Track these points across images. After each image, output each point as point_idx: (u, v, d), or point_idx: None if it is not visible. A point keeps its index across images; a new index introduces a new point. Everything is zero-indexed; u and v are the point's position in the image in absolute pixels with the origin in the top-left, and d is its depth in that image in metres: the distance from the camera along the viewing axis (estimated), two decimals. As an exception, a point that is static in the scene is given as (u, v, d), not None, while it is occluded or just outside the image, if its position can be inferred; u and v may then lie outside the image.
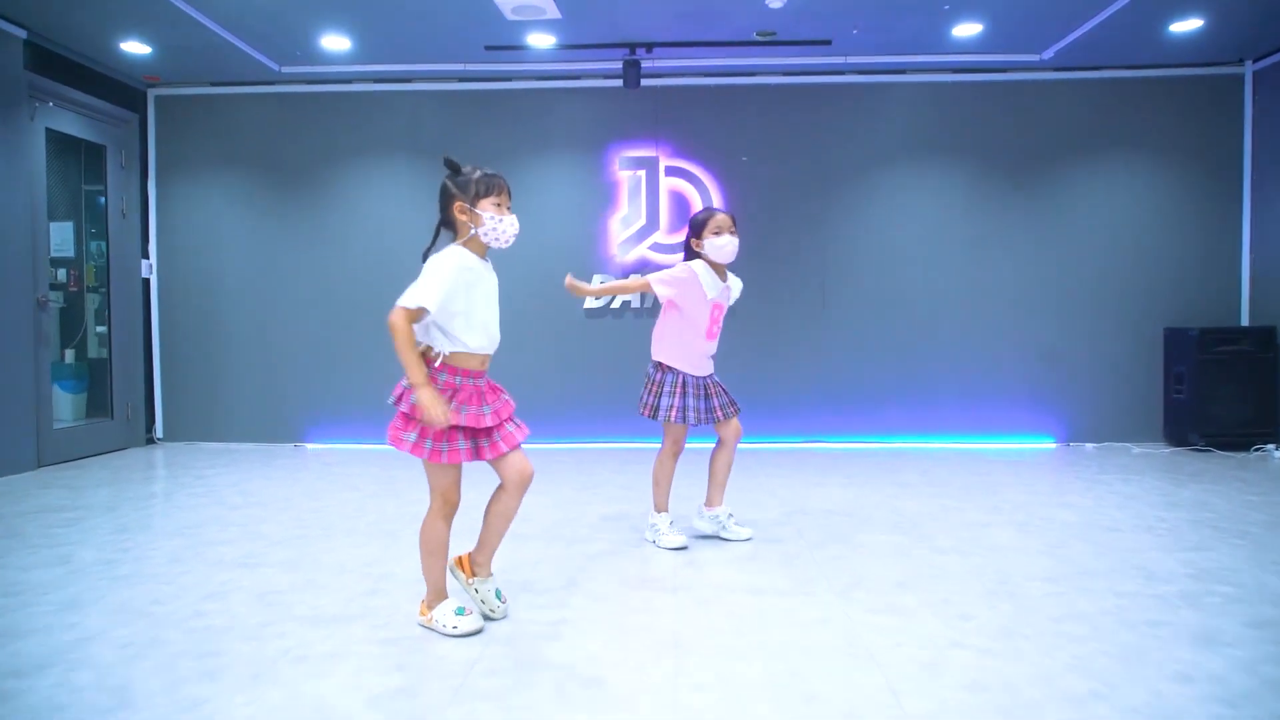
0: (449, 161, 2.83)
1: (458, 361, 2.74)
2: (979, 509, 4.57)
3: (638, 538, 4.01)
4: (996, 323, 6.92)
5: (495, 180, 2.79)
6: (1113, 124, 6.83)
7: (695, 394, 3.81)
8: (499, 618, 2.89)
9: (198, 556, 3.69)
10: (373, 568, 3.51)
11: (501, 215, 2.77)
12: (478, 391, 2.75)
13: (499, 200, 2.77)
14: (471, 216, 2.77)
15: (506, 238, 2.79)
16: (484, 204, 2.76)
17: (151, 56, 6.45)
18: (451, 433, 2.70)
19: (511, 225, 2.79)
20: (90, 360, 7.14)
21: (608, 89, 6.99)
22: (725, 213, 3.80)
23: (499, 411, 2.78)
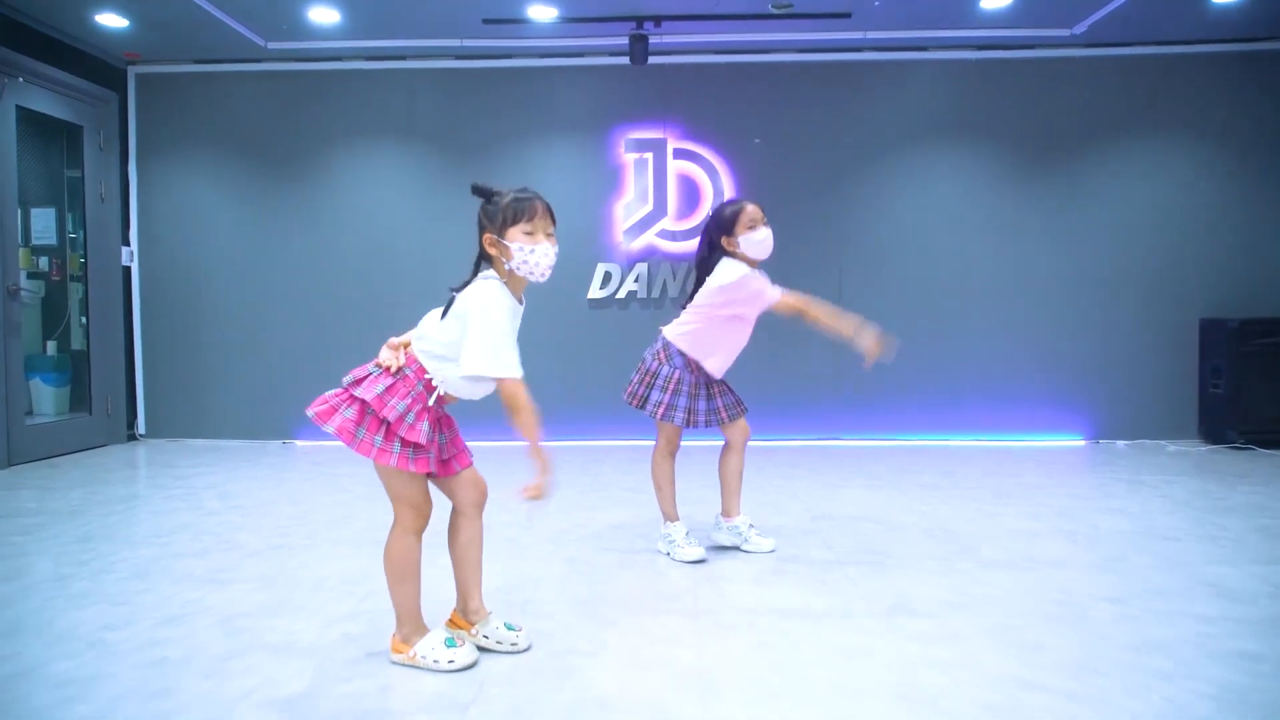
0: (476, 189, 2.47)
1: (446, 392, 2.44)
2: (1018, 515, 4.20)
3: (650, 548, 3.65)
4: (1022, 313, 6.55)
5: (525, 204, 2.40)
6: (1148, 103, 6.45)
7: (691, 394, 3.44)
8: (524, 648, 2.53)
9: (163, 571, 3.33)
10: (356, 585, 3.15)
11: (533, 245, 2.38)
12: (437, 419, 2.45)
13: (530, 228, 2.38)
14: (500, 249, 2.40)
15: (540, 271, 2.40)
16: (513, 233, 2.38)
17: (130, 31, 6.06)
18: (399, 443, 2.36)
19: (545, 256, 2.40)
20: (74, 352, 6.79)
21: (613, 66, 6.61)
22: (754, 203, 3.41)
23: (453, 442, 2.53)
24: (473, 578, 2.55)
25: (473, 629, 2.52)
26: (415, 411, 2.34)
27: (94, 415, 6.58)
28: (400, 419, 2.32)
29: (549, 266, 2.41)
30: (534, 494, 2.26)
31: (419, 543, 2.45)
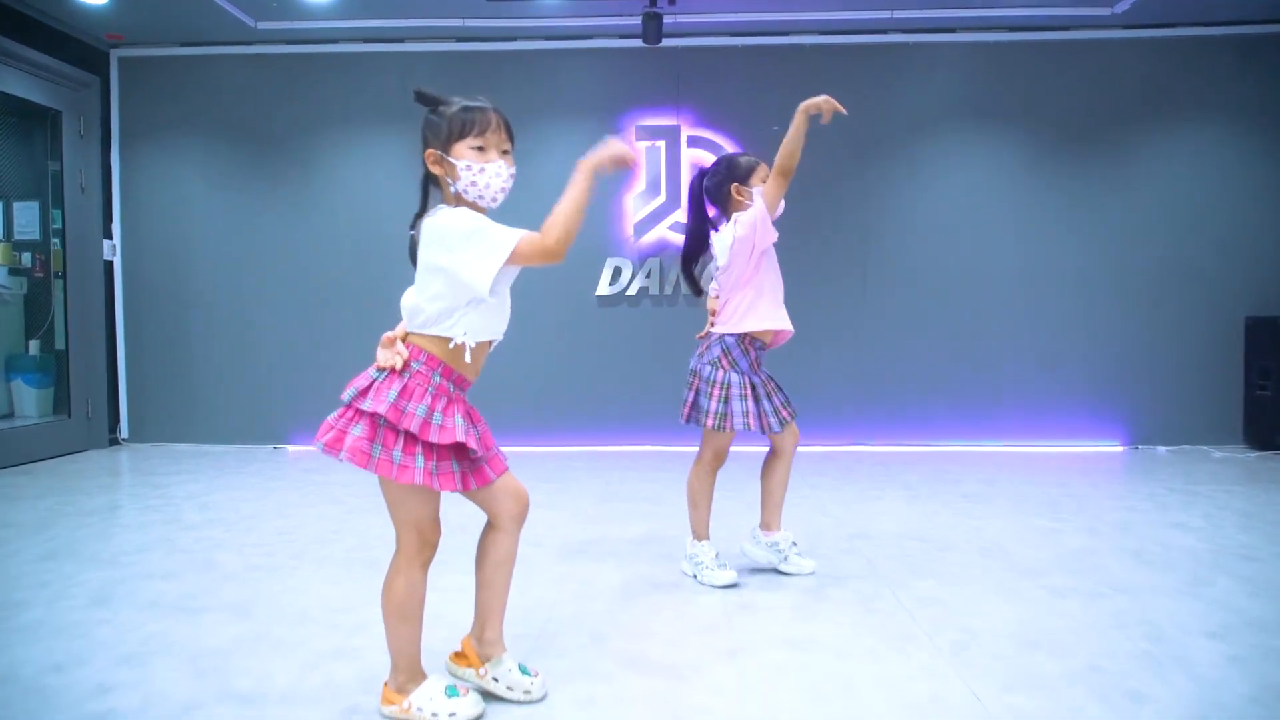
0: (420, 94, 2.08)
1: (453, 358, 2.02)
2: (1075, 530, 3.83)
3: (672, 570, 3.27)
4: (1057, 309, 6.17)
5: (474, 114, 2.02)
6: (1191, 88, 6.07)
7: (767, 395, 3.08)
8: (539, 697, 2.16)
9: (128, 596, 2.95)
10: (343, 615, 2.77)
11: (483, 162, 2.01)
12: (464, 406, 2.05)
13: (481, 142, 2.01)
14: (445, 167, 2.03)
15: (491, 193, 2.03)
16: (459, 148, 2.01)
17: (111, 9, 5.68)
18: (443, 450, 1.97)
19: (497, 175, 2.02)
20: (58, 352, 6.43)
21: (624, 49, 6.24)
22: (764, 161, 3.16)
23: (487, 435, 2.10)
24: (497, 603, 2.17)
25: (482, 668, 2.15)
26: (440, 409, 1.97)
27: (73, 418, 6.22)
28: (426, 423, 1.94)
29: (501, 188, 2.05)
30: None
31: (424, 577, 2.07)
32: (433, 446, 1.96)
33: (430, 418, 1.95)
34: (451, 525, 2.23)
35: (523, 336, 6.30)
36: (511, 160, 2.07)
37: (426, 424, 1.94)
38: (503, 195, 2.05)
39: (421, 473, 1.93)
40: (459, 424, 1.96)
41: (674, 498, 4.40)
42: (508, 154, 2.06)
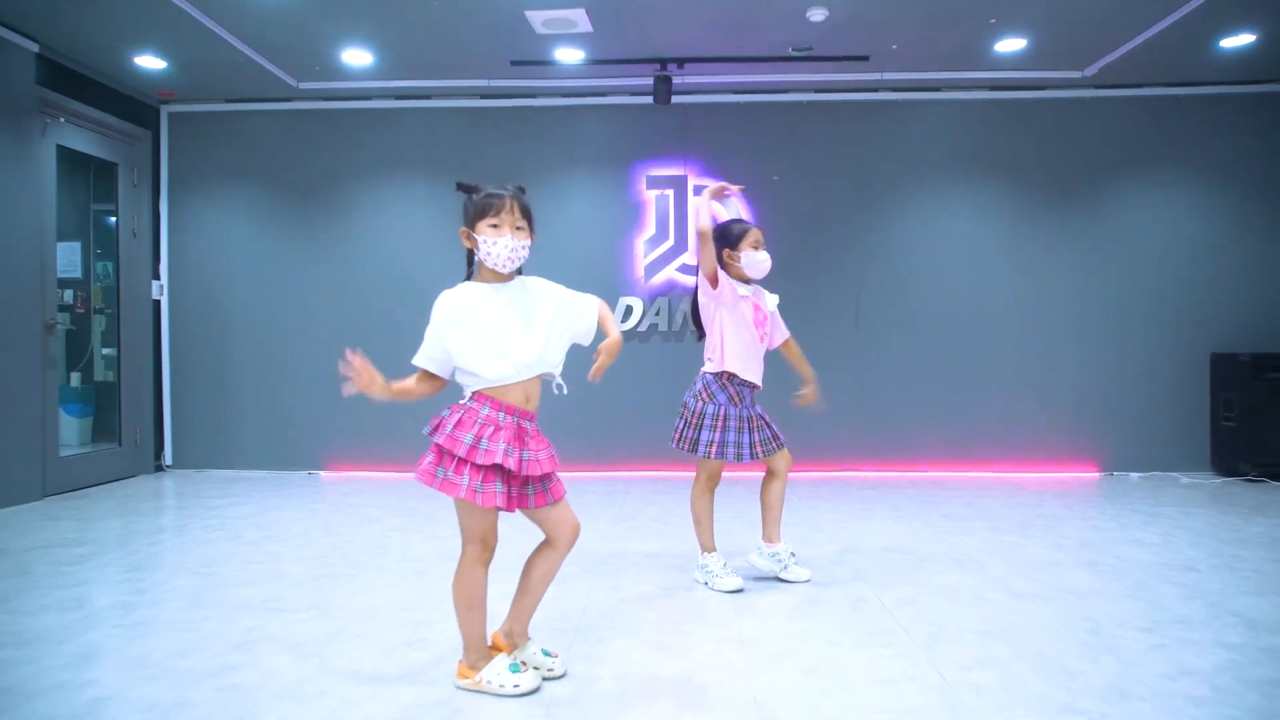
0: (460, 185, 2.61)
1: (494, 394, 2.52)
2: (1041, 545, 4.31)
3: (686, 578, 3.75)
4: (1036, 346, 6.69)
5: (492, 200, 2.53)
6: (1158, 143, 6.63)
7: (737, 428, 3.58)
8: (559, 675, 2.63)
9: (218, 600, 3.44)
10: (408, 613, 3.25)
11: (495, 237, 2.51)
12: (519, 432, 2.51)
13: (496, 220, 2.52)
14: (470, 241, 2.58)
15: (499, 262, 2.52)
16: (480, 226, 2.53)
17: (167, 71, 6.25)
18: (489, 472, 2.46)
19: (505, 248, 2.51)
20: (96, 384, 6.92)
21: (635, 105, 6.79)
22: (756, 228, 3.68)
23: (539, 462, 2.53)
24: (529, 607, 2.65)
25: (512, 655, 2.62)
26: (487, 435, 2.46)
27: (123, 446, 6.70)
28: (473, 448, 2.44)
29: (508, 258, 2.52)
30: None
31: (485, 573, 2.55)
32: (479, 468, 2.45)
33: (477, 444, 2.45)
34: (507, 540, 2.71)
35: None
36: (526, 233, 2.57)
37: (473, 448, 2.44)
38: (511, 263, 2.54)
39: (466, 489, 2.43)
40: (500, 448, 2.44)
41: (680, 518, 4.89)
42: (521, 229, 2.55)
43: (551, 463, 2.57)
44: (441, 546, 4.35)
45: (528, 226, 2.57)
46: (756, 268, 3.63)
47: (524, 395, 2.54)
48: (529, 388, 2.55)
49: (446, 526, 4.82)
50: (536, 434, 2.57)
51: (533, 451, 2.52)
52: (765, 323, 3.68)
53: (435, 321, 2.54)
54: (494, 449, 2.44)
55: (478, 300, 2.54)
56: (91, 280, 6.86)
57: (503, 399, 2.51)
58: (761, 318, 3.66)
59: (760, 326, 3.65)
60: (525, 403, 2.54)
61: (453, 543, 4.41)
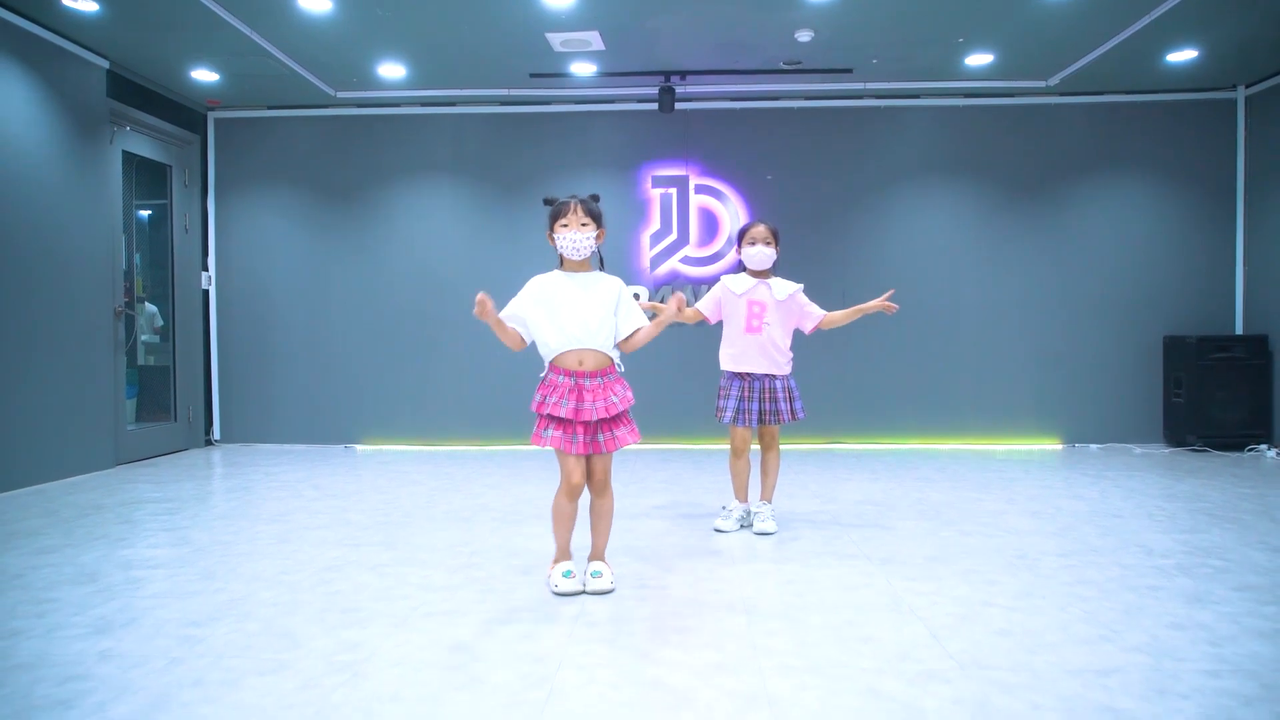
0: (546, 201, 3.37)
1: (558, 361, 3.21)
2: (996, 500, 5.02)
3: (689, 521, 4.45)
4: (1006, 331, 7.39)
5: (558, 207, 3.29)
6: (1115, 145, 7.31)
7: (744, 397, 4.25)
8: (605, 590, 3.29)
9: (301, 539, 4.14)
10: (463, 547, 3.96)
11: (564, 235, 3.25)
12: (576, 389, 3.19)
13: (565, 221, 3.25)
14: (552, 240, 3.31)
15: (569, 251, 3.27)
16: (556, 229, 3.29)
17: (217, 83, 6.92)
18: (554, 422, 3.18)
19: (570, 240, 3.24)
20: (139, 367, 7.59)
21: (641, 111, 7.46)
22: (765, 225, 4.29)
23: (595, 410, 3.18)
24: (593, 536, 3.40)
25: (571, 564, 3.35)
26: (552, 396, 3.19)
27: (177, 422, 7.40)
28: (541, 403, 3.20)
29: (575, 247, 3.25)
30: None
31: (569, 503, 3.28)
32: (546, 418, 3.20)
33: (544, 400, 3.19)
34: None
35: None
36: (591, 226, 3.28)
37: (541, 403, 3.19)
38: (577, 252, 3.27)
39: (535, 435, 3.21)
40: (562, 404, 3.16)
41: (684, 481, 5.60)
42: (586, 225, 3.27)
43: (608, 409, 3.20)
44: (479, 501, 5.05)
45: (593, 223, 3.28)
46: (751, 260, 4.29)
47: (578, 360, 3.21)
48: (583, 355, 3.22)
49: (483, 486, 5.52)
50: (597, 389, 3.21)
51: (589, 403, 3.18)
52: (764, 313, 4.27)
53: (523, 292, 3.29)
54: (552, 402, 3.17)
55: (555, 282, 3.29)
56: (134, 272, 7.53)
57: (561, 365, 3.22)
58: (759, 309, 4.27)
59: (757, 318, 4.27)
60: (579, 365, 3.21)
61: (490, 498, 5.13)
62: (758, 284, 4.32)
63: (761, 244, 4.26)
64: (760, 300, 4.29)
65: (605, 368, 3.26)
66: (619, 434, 3.26)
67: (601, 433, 3.23)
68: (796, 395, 4.35)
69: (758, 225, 4.30)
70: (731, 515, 4.33)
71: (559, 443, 3.18)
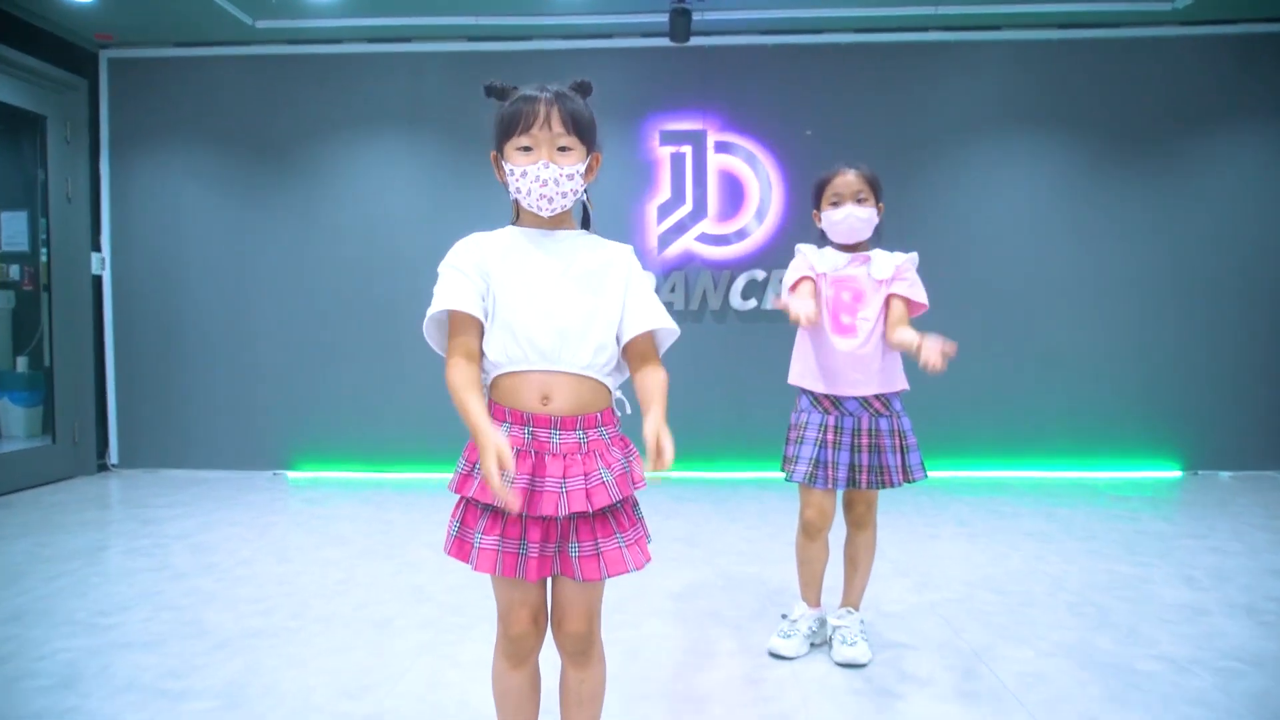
0: (488, 88, 1.77)
1: (503, 392, 1.65)
2: (1169, 579, 3.43)
3: (724, 629, 2.87)
4: (1108, 324, 5.82)
5: (520, 109, 1.68)
6: (1258, 89, 5.73)
7: (829, 441, 2.66)
8: None
9: (100, 672, 2.56)
10: (353, 701, 2.37)
11: (526, 165, 1.66)
12: (530, 451, 1.62)
13: (528, 140, 1.67)
14: (499, 171, 1.74)
15: (534, 199, 1.68)
16: (509, 149, 1.70)
17: (98, 6, 5.33)
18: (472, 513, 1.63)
19: (533, 180, 1.66)
20: (47, 369, 6.09)
21: (647, 48, 5.88)
22: (857, 170, 2.73)
23: (564, 496, 1.58)
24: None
25: None
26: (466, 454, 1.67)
27: (59, 444, 5.83)
28: (465, 478, 1.65)
29: (544, 194, 1.68)
30: None
31: (514, 672, 1.72)
32: (478, 509, 1.64)
33: (470, 475, 1.63)
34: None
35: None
36: (576, 156, 1.70)
37: (466, 479, 1.65)
38: (547, 202, 1.68)
39: (460, 544, 1.65)
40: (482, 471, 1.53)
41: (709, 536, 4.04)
42: (565, 151, 1.68)
43: (589, 496, 1.61)
44: (416, 579, 3.49)
45: (580, 145, 1.71)
46: (834, 230, 2.73)
47: (540, 392, 1.64)
48: (550, 383, 1.64)
49: (424, 548, 3.96)
50: (570, 453, 1.63)
51: (553, 479, 1.60)
52: (859, 305, 2.72)
53: (454, 259, 1.73)
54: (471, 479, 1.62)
55: (508, 248, 1.72)
56: (39, 253, 6.02)
57: (508, 399, 1.64)
58: (851, 299, 2.70)
59: (849, 311, 2.69)
60: (541, 403, 1.64)
61: (426, 576, 3.55)
62: (851, 260, 2.74)
63: (851, 202, 2.70)
64: (855, 285, 2.72)
65: (591, 411, 1.66)
66: (609, 547, 1.64)
67: (577, 539, 1.63)
68: (912, 442, 2.75)
69: (844, 172, 2.73)
70: (798, 630, 2.74)
71: (489, 561, 1.59)
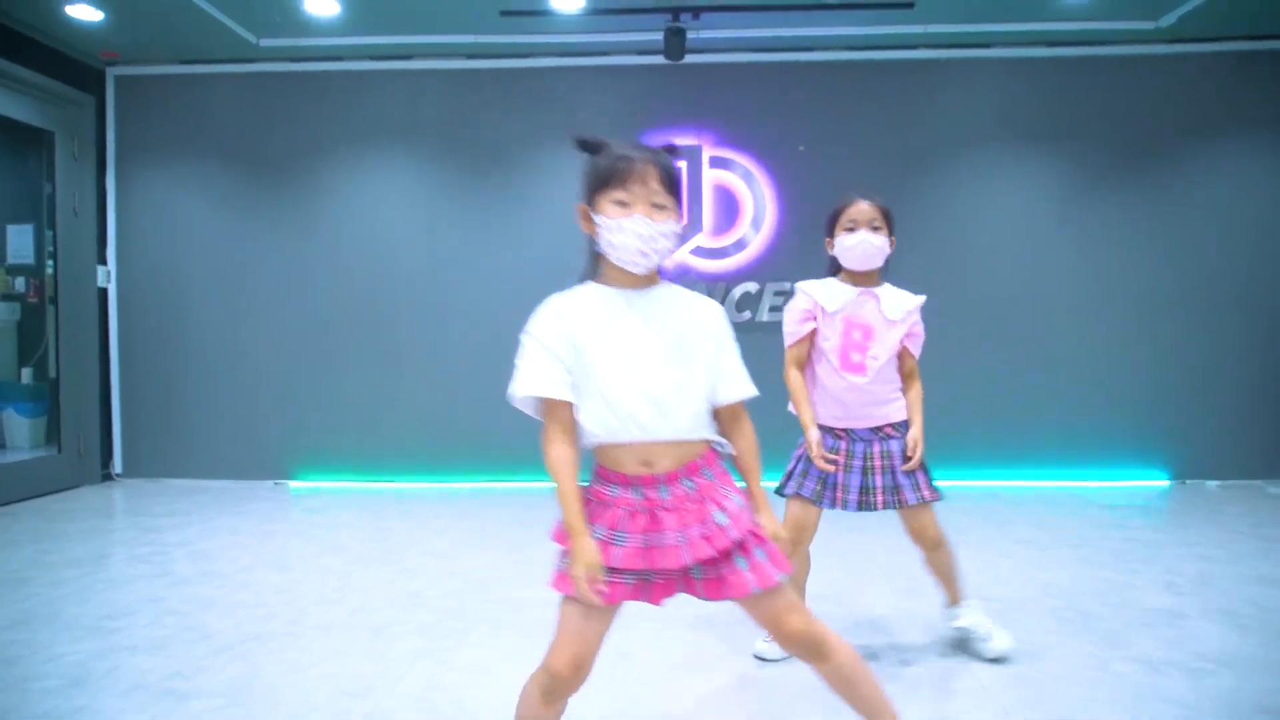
0: (581, 142, 1.80)
1: (607, 459, 1.72)
2: (1151, 585, 3.50)
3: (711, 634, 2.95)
4: (1098, 335, 5.87)
5: (622, 165, 1.70)
6: (1243, 105, 5.78)
7: (843, 466, 2.74)
8: None
9: (106, 675, 2.62)
10: (352, 700, 2.44)
11: (622, 219, 1.69)
12: (646, 511, 1.69)
13: (625, 195, 1.69)
14: (589, 224, 1.77)
15: (628, 256, 1.71)
16: (602, 203, 1.73)
17: (106, 25, 5.42)
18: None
19: (631, 235, 1.68)
20: (52, 380, 6.16)
21: (642, 66, 5.96)
22: (870, 201, 2.77)
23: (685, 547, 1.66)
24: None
25: None
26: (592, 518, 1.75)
27: (64, 453, 5.91)
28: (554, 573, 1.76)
29: (640, 250, 1.69)
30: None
31: (546, 701, 1.73)
32: None
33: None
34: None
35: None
36: (670, 214, 1.73)
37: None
38: (645, 259, 1.71)
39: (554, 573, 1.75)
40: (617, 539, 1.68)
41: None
42: (664, 209, 1.71)
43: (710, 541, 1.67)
44: (412, 585, 3.56)
45: (673, 205, 1.73)
46: (846, 255, 2.76)
47: (642, 459, 1.71)
48: (651, 451, 1.71)
49: (423, 554, 4.03)
50: (684, 505, 1.70)
51: (673, 532, 1.67)
52: (869, 342, 2.76)
53: (539, 331, 1.77)
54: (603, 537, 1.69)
55: (596, 309, 1.77)
56: (45, 266, 6.11)
57: (611, 464, 1.71)
58: (861, 336, 2.74)
59: (859, 349, 2.73)
60: (644, 467, 1.71)
61: (425, 581, 3.62)
62: (860, 295, 2.77)
63: (866, 229, 2.73)
64: (864, 322, 2.76)
65: (693, 459, 1.73)
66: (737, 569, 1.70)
67: (704, 569, 1.72)
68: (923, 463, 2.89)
69: (857, 201, 2.77)
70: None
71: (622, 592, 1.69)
